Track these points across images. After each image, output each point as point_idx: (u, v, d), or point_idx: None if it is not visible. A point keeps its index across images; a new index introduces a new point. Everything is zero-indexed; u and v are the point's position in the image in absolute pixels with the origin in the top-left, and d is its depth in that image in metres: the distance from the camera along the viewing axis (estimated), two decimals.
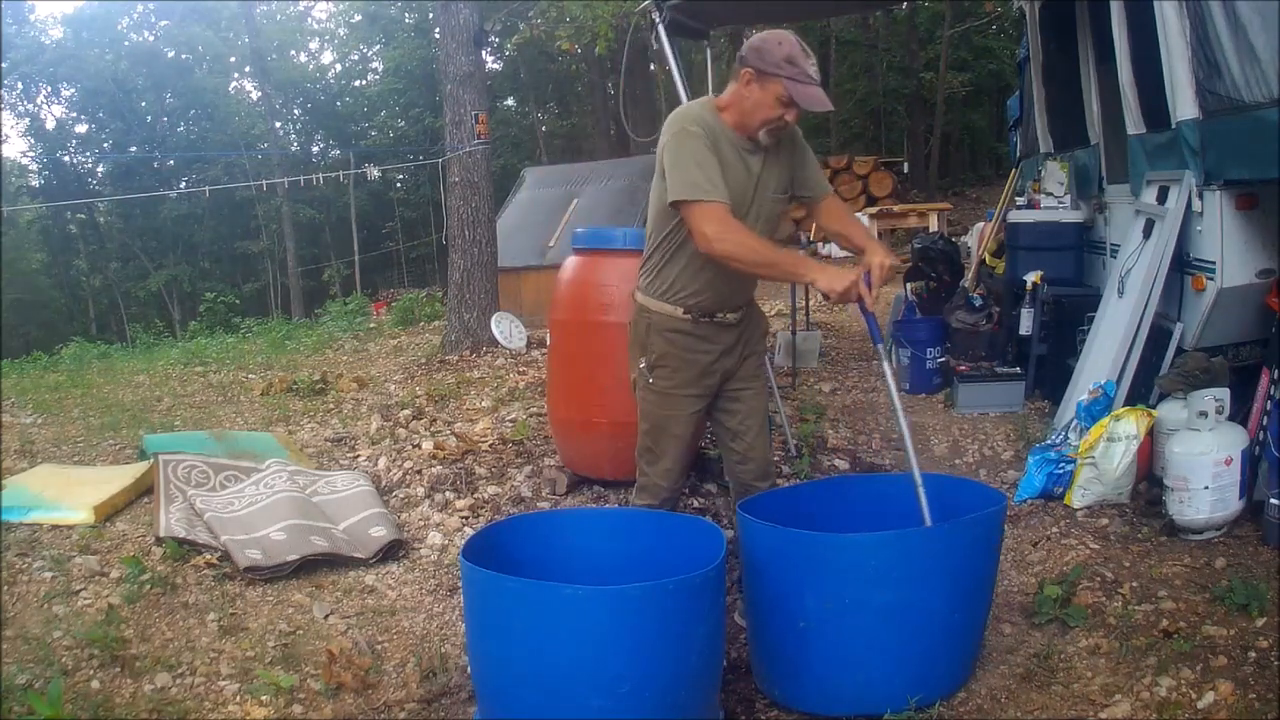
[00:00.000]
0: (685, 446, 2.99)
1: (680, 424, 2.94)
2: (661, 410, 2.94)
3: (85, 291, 27.10)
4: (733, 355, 2.93)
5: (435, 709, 2.73)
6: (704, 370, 2.90)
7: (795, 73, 2.64)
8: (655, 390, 2.93)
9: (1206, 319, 3.77)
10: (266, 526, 3.67)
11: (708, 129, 2.70)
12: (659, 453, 2.98)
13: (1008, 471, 4.22)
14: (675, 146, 2.68)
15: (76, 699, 2.67)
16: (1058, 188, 5.48)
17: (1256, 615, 2.72)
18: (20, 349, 15.36)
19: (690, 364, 2.89)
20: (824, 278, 2.66)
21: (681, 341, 2.87)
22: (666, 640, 2.24)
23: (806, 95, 2.65)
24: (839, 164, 14.00)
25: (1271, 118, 3.24)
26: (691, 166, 2.64)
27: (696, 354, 2.88)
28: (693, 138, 2.67)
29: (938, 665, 2.55)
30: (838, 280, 2.65)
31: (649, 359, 2.91)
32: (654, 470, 3.00)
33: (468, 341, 7.61)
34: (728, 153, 2.73)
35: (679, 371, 2.89)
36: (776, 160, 2.84)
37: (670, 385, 2.91)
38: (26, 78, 25.31)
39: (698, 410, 2.96)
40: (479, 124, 7.50)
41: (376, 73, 28.88)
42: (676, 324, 2.86)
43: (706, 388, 2.94)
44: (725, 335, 2.90)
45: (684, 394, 2.91)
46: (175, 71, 27.07)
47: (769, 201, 2.84)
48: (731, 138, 2.75)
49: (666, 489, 3.01)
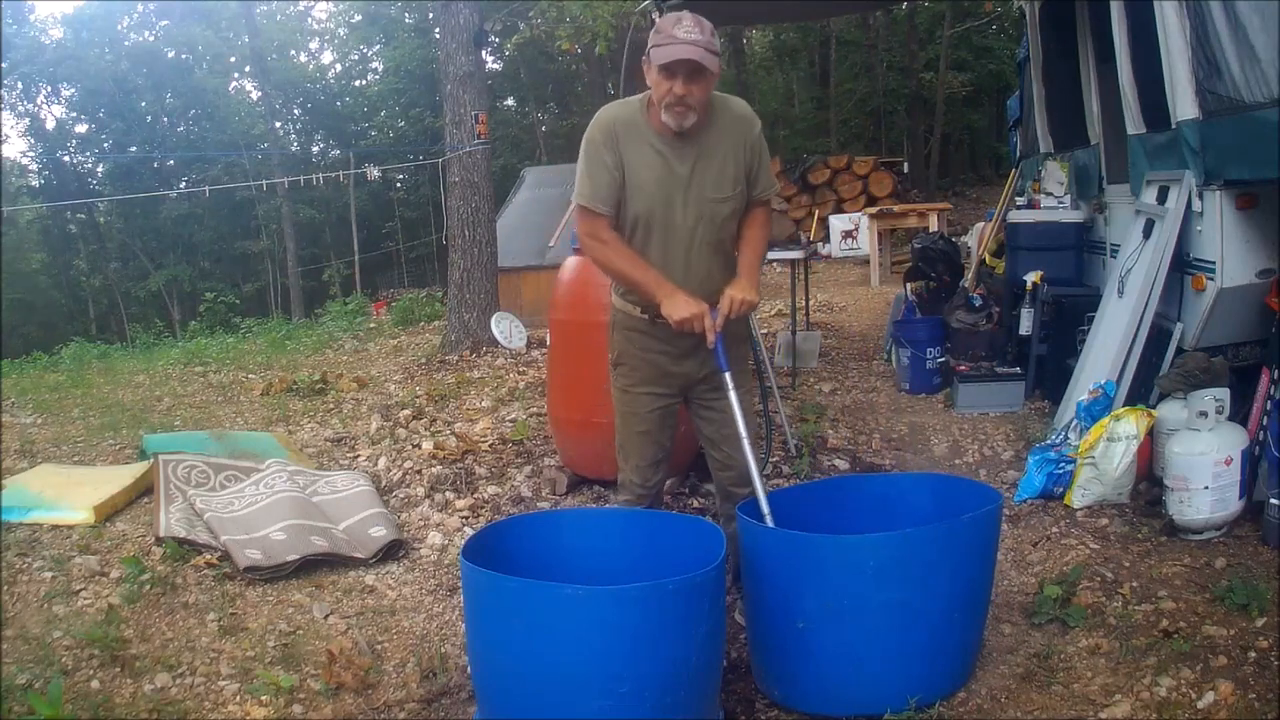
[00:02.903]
0: (653, 443, 2.98)
1: (642, 422, 2.95)
2: (624, 408, 2.97)
3: (85, 291, 27.08)
4: (694, 359, 2.86)
5: (435, 709, 2.73)
6: (663, 371, 2.89)
7: (658, 39, 2.59)
8: (618, 388, 2.98)
9: (1206, 319, 3.76)
10: (266, 526, 3.67)
11: (614, 130, 2.70)
12: (629, 450, 3.01)
13: (1008, 471, 4.22)
14: (581, 149, 2.76)
15: (76, 699, 2.67)
16: (1058, 188, 5.48)
17: (1256, 615, 2.72)
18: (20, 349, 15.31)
19: (647, 363, 2.89)
20: (668, 303, 2.67)
21: (639, 340, 2.87)
22: (666, 640, 2.24)
23: (664, 52, 2.56)
24: (839, 164, 14.01)
25: (1271, 118, 3.24)
26: (582, 171, 2.73)
27: (653, 354, 2.87)
28: (589, 143, 2.73)
29: (937, 665, 2.55)
30: (679, 309, 2.65)
31: (612, 356, 2.97)
32: (627, 467, 3.03)
33: (468, 341, 7.62)
34: (642, 151, 2.69)
35: (637, 370, 2.92)
36: (716, 157, 2.73)
37: (630, 383, 2.94)
38: (26, 78, 25.28)
39: (660, 409, 2.95)
40: (479, 124, 7.50)
41: (376, 73, 28.90)
42: (634, 322, 2.88)
43: (669, 387, 2.93)
44: (684, 339, 2.79)
45: (643, 392, 2.92)
46: (175, 71, 27.05)
47: (707, 202, 2.74)
48: (651, 135, 2.71)
49: (640, 486, 3.02)
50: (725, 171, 2.75)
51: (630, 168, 2.69)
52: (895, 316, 6.43)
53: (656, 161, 2.70)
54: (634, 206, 2.74)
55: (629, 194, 2.73)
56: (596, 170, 2.70)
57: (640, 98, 2.78)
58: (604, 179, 2.70)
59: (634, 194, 2.72)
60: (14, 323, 23.35)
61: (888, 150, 20.15)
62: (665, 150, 2.71)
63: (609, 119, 2.73)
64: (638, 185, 2.70)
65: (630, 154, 2.69)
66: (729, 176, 2.76)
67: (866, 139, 21.81)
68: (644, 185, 2.70)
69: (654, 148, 2.70)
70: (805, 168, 14.16)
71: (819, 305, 9.10)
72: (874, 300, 9.41)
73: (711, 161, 2.74)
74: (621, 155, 2.69)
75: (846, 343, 7.34)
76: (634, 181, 2.71)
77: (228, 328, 13.93)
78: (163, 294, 25.25)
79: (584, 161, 2.73)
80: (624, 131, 2.70)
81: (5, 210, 22.22)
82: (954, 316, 5.58)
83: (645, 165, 2.70)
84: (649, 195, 2.71)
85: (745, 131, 2.79)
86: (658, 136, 2.71)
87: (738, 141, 2.77)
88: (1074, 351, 4.62)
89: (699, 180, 2.73)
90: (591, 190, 2.71)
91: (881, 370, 6.24)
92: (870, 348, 6.98)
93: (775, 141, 21.27)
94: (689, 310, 2.65)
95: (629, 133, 2.70)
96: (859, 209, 12.36)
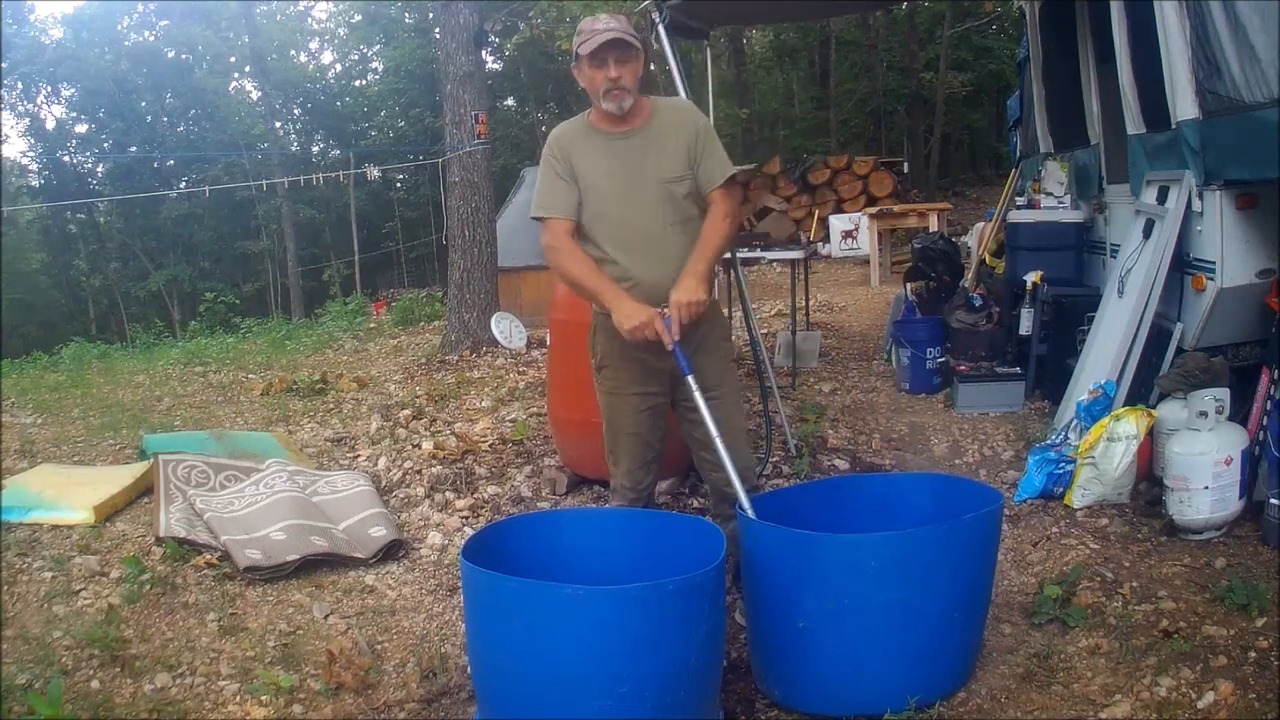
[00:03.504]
0: (641, 443, 2.99)
1: (630, 423, 2.96)
2: (612, 412, 2.99)
3: (85, 291, 27.07)
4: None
5: (435, 709, 2.73)
6: (647, 369, 2.91)
7: (581, 38, 2.80)
8: (604, 391, 3.00)
9: (1206, 319, 3.76)
10: (266, 526, 3.67)
11: (561, 142, 2.88)
12: (618, 454, 3.02)
13: (1008, 471, 4.22)
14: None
15: (76, 699, 2.67)
16: (1058, 188, 5.48)
17: (1256, 615, 2.72)
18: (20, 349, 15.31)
19: (632, 363, 2.91)
20: (617, 313, 2.73)
21: (621, 341, 2.87)
22: (666, 640, 2.24)
23: (588, 43, 2.76)
24: (839, 164, 14.00)
25: (1271, 118, 3.24)
26: (540, 185, 2.90)
27: (638, 353, 2.88)
28: (544, 160, 2.90)
29: (937, 665, 2.55)
30: (629, 318, 2.70)
31: (595, 360, 3.00)
32: (619, 472, 3.04)
33: (468, 341, 7.61)
34: (591, 154, 2.84)
35: (621, 371, 2.94)
36: (665, 143, 2.85)
37: (615, 385, 2.96)
38: (26, 78, 25.28)
39: (647, 409, 2.96)
40: (479, 124, 7.50)
41: (376, 73, 28.88)
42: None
43: (655, 385, 2.94)
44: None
45: (629, 393, 2.94)
46: (175, 71, 27.04)
47: (661, 183, 2.83)
48: (599, 137, 2.87)
49: (631, 489, 3.03)
50: (674, 155, 2.87)
51: (581, 170, 2.84)
52: (895, 316, 6.43)
53: (605, 158, 2.85)
54: (596, 203, 2.85)
55: (586, 194, 2.85)
56: (549, 180, 2.87)
57: (583, 114, 2.98)
58: (557, 187, 2.85)
59: (590, 192, 2.84)
60: (14, 323, 23.34)
61: (888, 150, 20.15)
62: (613, 146, 2.86)
63: (558, 134, 2.93)
64: (592, 183, 2.84)
65: (580, 159, 2.85)
66: (681, 160, 2.87)
67: (866, 139, 21.80)
68: (598, 181, 2.83)
69: (602, 148, 2.86)
70: (805, 168, 14.15)
71: (819, 305, 9.10)
72: (874, 300, 9.41)
73: (662, 147, 2.86)
74: (571, 163, 2.85)
75: (846, 343, 7.34)
76: (589, 181, 2.84)
77: (228, 328, 13.92)
78: (163, 294, 25.25)
79: (539, 178, 2.92)
80: (570, 142, 2.88)
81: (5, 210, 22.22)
82: (954, 316, 5.58)
83: (596, 164, 2.84)
84: (605, 189, 2.83)
85: (688, 120, 2.93)
86: (603, 136, 2.87)
87: (681, 127, 2.89)
88: (1074, 351, 4.62)
89: (650, 165, 2.85)
90: (547, 200, 2.86)
91: (881, 370, 6.24)
92: (870, 348, 6.98)
93: (775, 141, 21.30)
94: (636, 319, 2.70)
95: (575, 142, 2.88)
96: (859, 209, 12.36)
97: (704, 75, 7.04)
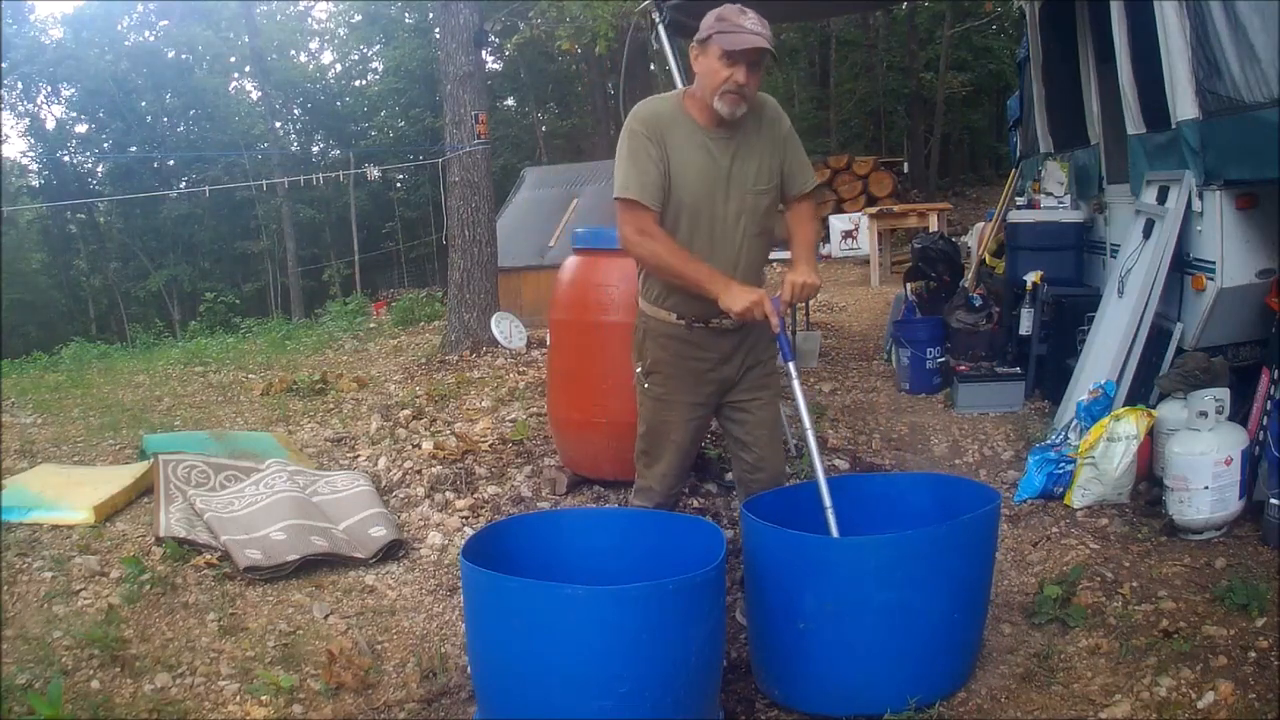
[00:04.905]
0: (683, 452, 2.95)
1: (677, 431, 2.90)
2: (658, 416, 2.91)
3: (85, 291, 27.07)
4: (731, 364, 2.86)
5: (435, 709, 2.73)
6: (700, 378, 2.85)
7: (724, 26, 2.61)
8: (651, 396, 2.90)
9: (1206, 319, 3.76)
10: (266, 526, 3.67)
11: (657, 124, 2.67)
12: (655, 456, 2.95)
13: (1008, 471, 4.22)
14: (620, 143, 2.71)
15: (76, 699, 2.67)
16: (1058, 188, 5.48)
17: (1256, 615, 2.72)
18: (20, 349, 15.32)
19: (685, 371, 2.84)
20: (725, 295, 2.62)
21: (675, 348, 2.82)
22: (666, 640, 2.24)
23: (734, 39, 2.59)
24: (839, 164, 14.01)
25: (1271, 118, 3.24)
26: (626, 164, 2.66)
27: (691, 361, 2.83)
28: (632, 135, 2.67)
29: (937, 665, 2.55)
30: (738, 299, 2.61)
31: (644, 364, 2.89)
32: (650, 474, 2.98)
33: (468, 341, 7.62)
34: (684, 145, 2.67)
35: (673, 379, 2.85)
36: (755, 150, 2.75)
37: (664, 392, 2.87)
38: (26, 78, 25.28)
39: (696, 418, 2.91)
40: (479, 124, 7.50)
41: (376, 73, 28.88)
42: (671, 329, 2.82)
43: (704, 395, 2.88)
44: (723, 342, 2.81)
45: (680, 401, 2.87)
46: (175, 71, 27.04)
47: (750, 194, 2.74)
48: (693, 128, 2.69)
49: (661, 493, 2.99)
50: (764, 164, 2.77)
51: (674, 160, 2.67)
52: (895, 316, 6.43)
53: (699, 154, 2.69)
54: (679, 199, 2.69)
55: (673, 187, 2.68)
56: (642, 163, 2.64)
57: (675, 94, 2.81)
58: (651, 171, 2.64)
59: (678, 186, 2.68)
60: (14, 323, 23.35)
61: (888, 150, 20.13)
62: (707, 143, 2.70)
63: (651, 112, 2.71)
64: (682, 178, 2.67)
65: (674, 147, 2.67)
66: (767, 169, 2.77)
67: (866, 139, 21.80)
68: (688, 178, 2.67)
69: (696, 141, 2.69)
70: None
71: (819, 305, 9.10)
72: (874, 300, 9.41)
73: (750, 154, 2.75)
74: (666, 148, 2.66)
75: (846, 343, 7.34)
76: (678, 174, 2.67)
77: (228, 328, 13.93)
78: (163, 294, 25.25)
79: (627, 154, 2.67)
80: (667, 125, 2.68)
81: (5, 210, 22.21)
82: (954, 316, 5.58)
83: (689, 158, 2.68)
84: (694, 188, 2.69)
85: (778, 127, 2.82)
86: (699, 129, 2.70)
87: (773, 136, 2.80)
88: (1074, 351, 4.62)
89: (740, 172, 2.73)
90: (638, 183, 2.64)
91: (881, 370, 6.25)
92: (870, 348, 6.98)
93: None
94: (749, 299, 2.61)
95: (672, 127, 2.69)
96: (859, 209, 12.37)
97: None
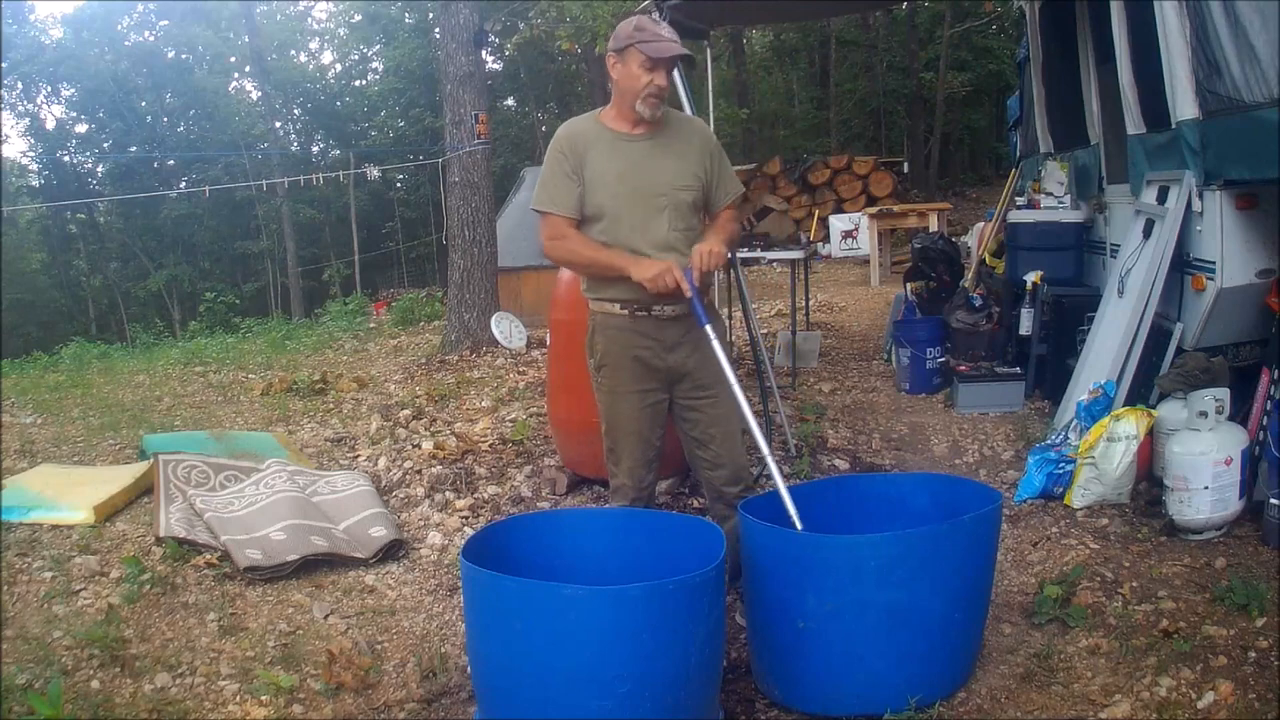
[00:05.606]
0: (643, 441, 2.99)
1: (631, 421, 2.96)
2: (613, 409, 2.99)
3: (85, 291, 27.04)
4: (677, 353, 2.92)
5: (435, 709, 2.73)
6: (646, 366, 2.92)
7: (644, 35, 2.79)
8: (604, 390, 2.99)
9: (1206, 319, 3.77)
10: (266, 526, 3.67)
11: (573, 142, 2.86)
12: (619, 452, 3.01)
13: (1008, 471, 4.22)
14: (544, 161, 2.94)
15: (76, 699, 2.67)
16: (1058, 188, 5.48)
17: (1256, 615, 2.72)
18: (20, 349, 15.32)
19: (632, 360, 2.92)
20: (635, 268, 2.76)
21: (620, 338, 2.90)
22: (666, 640, 2.24)
23: (657, 48, 2.76)
24: (839, 164, 14.01)
25: (1271, 118, 3.24)
26: (542, 181, 2.89)
27: (636, 350, 2.90)
28: (552, 155, 2.88)
29: (937, 665, 2.55)
30: (647, 269, 2.74)
31: (595, 359, 2.99)
32: (620, 470, 3.03)
33: (468, 341, 7.61)
34: (604, 155, 2.84)
35: (621, 369, 2.94)
36: (674, 151, 2.89)
37: (615, 384, 2.96)
38: (26, 78, 25.25)
39: (648, 406, 2.97)
40: (479, 124, 7.50)
41: (376, 73, 28.87)
42: (615, 320, 2.91)
43: (655, 383, 2.95)
44: (667, 331, 2.90)
45: (629, 390, 2.94)
46: (175, 71, 27.03)
47: (671, 189, 2.86)
48: (613, 139, 2.87)
49: (633, 488, 3.03)
50: (686, 165, 2.90)
51: (591, 169, 2.83)
52: (895, 316, 6.43)
53: (619, 161, 2.85)
54: (601, 203, 2.84)
55: (593, 191, 2.84)
56: (556, 179, 2.85)
57: (592, 113, 2.99)
58: (563, 184, 2.84)
59: (598, 190, 2.84)
60: (14, 323, 23.33)
61: (888, 150, 20.15)
62: (626, 147, 2.86)
63: (567, 132, 2.91)
64: (602, 182, 2.83)
65: (591, 158, 2.84)
66: (689, 170, 2.90)
67: (866, 139, 21.81)
68: (608, 181, 2.83)
69: (617, 150, 2.86)
70: (805, 168, 14.16)
71: (819, 305, 9.10)
72: (874, 300, 9.41)
73: (670, 153, 2.89)
74: (582, 161, 2.84)
75: (846, 343, 7.34)
76: (600, 181, 2.83)
77: (228, 328, 13.92)
78: (163, 294, 25.23)
79: (545, 172, 2.90)
80: (581, 140, 2.87)
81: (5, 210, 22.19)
82: (954, 316, 5.58)
83: (609, 166, 2.84)
84: (615, 189, 2.83)
85: (704, 137, 3.00)
86: (619, 137, 2.87)
87: (696, 145, 2.94)
88: (1074, 351, 4.63)
89: (660, 168, 2.86)
90: (549, 196, 2.86)
91: (881, 370, 6.25)
92: (870, 348, 6.98)
93: (775, 141, 21.30)
94: (657, 267, 2.74)
95: (588, 141, 2.87)
96: (859, 209, 12.37)
97: (704, 75, 7.03)
